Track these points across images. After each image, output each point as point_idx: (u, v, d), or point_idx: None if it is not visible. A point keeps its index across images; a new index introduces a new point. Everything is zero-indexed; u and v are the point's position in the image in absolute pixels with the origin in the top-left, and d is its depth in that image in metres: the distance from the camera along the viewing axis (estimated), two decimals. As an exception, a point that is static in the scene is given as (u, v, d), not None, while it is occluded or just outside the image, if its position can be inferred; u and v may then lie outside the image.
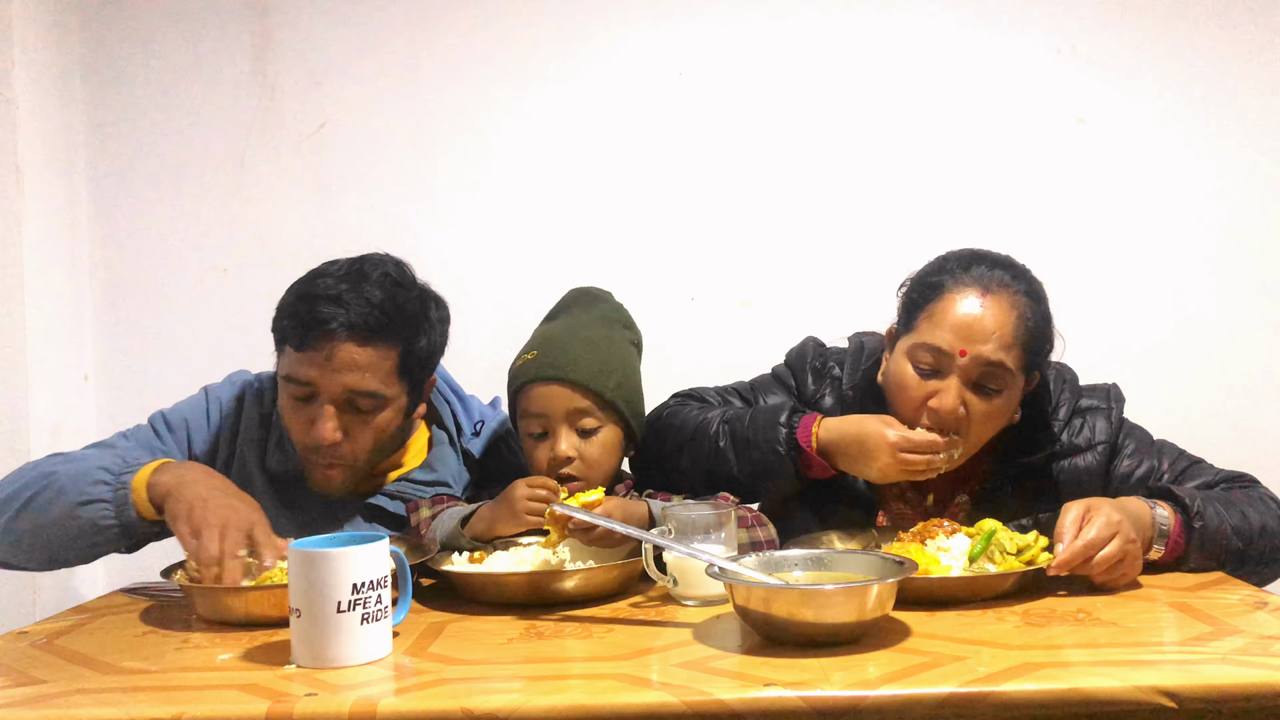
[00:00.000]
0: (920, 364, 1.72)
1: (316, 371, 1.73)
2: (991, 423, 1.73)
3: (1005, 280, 1.72)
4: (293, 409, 1.78)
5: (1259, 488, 1.77)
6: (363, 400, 1.75)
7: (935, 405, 1.69)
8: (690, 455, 1.82)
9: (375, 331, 1.73)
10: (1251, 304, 2.59)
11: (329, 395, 1.74)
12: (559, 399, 1.76)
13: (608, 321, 1.87)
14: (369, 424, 1.77)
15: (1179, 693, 1.14)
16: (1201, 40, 2.58)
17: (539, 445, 1.79)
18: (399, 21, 2.63)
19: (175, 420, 1.89)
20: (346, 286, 1.74)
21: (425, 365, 1.84)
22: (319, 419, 1.74)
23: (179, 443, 1.87)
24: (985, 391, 1.70)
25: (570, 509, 1.56)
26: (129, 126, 2.63)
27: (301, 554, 1.33)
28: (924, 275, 1.79)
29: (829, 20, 2.61)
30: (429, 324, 1.83)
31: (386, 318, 1.74)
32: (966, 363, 1.68)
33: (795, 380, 1.95)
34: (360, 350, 1.73)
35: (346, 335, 1.72)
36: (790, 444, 1.72)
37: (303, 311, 1.74)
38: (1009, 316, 1.69)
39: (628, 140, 2.62)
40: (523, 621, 1.50)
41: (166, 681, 1.30)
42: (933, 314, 1.72)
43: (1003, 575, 1.53)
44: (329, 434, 1.74)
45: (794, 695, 1.16)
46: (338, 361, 1.72)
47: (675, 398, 1.97)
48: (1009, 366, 1.69)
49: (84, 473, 1.65)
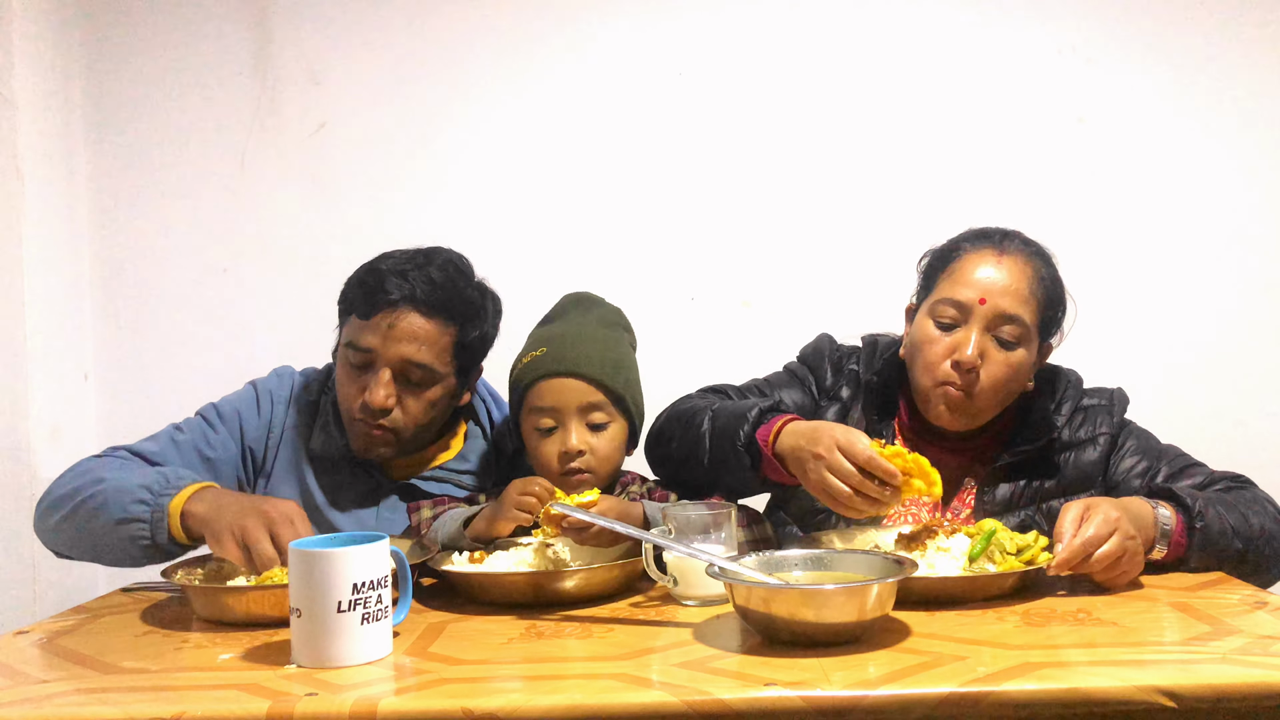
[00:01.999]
0: (942, 319, 1.80)
1: (379, 339, 1.81)
2: (1010, 378, 1.78)
3: (1019, 244, 1.83)
4: (349, 377, 1.85)
5: (1255, 489, 1.77)
6: (416, 372, 1.83)
7: (958, 357, 1.76)
8: (679, 440, 1.84)
9: (436, 308, 1.83)
10: (1251, 304, 2.59)
11: (386, 361, 1.82)
12: (572, 392, 1.77)
13: (608, 323, 1.89)
14: (419, 396, 1.85)
15: (1179, 693, 1.14)
16: (1201, 40, 2.59)
17: (546, 440, 1.79)
18: (399, 21, 2.63)
19: (227, 411, 1.94)
20: (412, 266, 1.85)
21: (476, 354, 1.93)
22: (374, 384, 1.82)
23: (232, 432, 1.93)
24: (1004, 343, 1.77)
25: (566, 507, 1.57)
26: (129, 126, 2.64)
27: (302, 554, 1.33)
28: (941, 246, 1.89)
29: (829, 21, 2.62)
30: (485, 315, 1.92)
31: (447, 297, 1.85)
32: (986, 310, 1.76)
33: (813, 375, 1.97)
34: (421, 322, 1.82)
35: (410, 307, 1.82)
36: (749, 440, 1.72)
37: (371, 282, 1.84)
38: (1024, 272, 1.79)
39: (628, 140, 2.62)
40: (523, 621, 1.50)
41: (166, 681, 1.30)
42: (952, 272, 1.81)
43: (1003, 575, 1.53)
44: (381, 399, 1.81)
45: (794, 695, 1.16)
46: (399, 330, 1.81)
47: (700, 391, 1.98)
48: (1025, 320, 1.77)
49: (127, 489, 1.70)
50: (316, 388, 1.99)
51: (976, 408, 1.78)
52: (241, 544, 1.57)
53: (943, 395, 1.78)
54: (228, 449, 1.91)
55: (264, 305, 2.64)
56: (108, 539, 1.70)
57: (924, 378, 1.80)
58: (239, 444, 1.93)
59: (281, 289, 2.63)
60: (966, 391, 1.76)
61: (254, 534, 1.57)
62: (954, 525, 1.68)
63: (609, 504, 1.65)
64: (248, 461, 1.93)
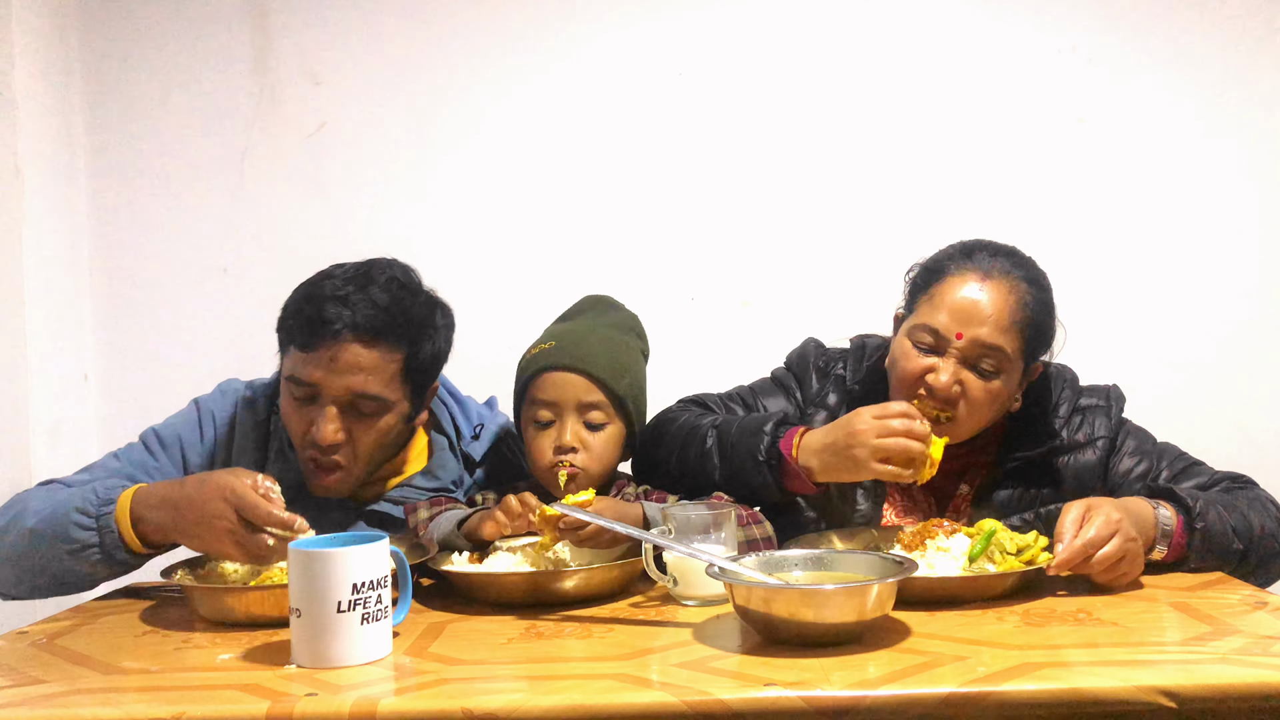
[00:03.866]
0: (920, 343, 1.76)
1: (321, 372, 1.73)
2: (989, 405, 1.75)
3: (1005, 267, 1.77)
4: (295, 410, 1.78)
5: (1256, 489, 1.77)
6: (365, 403, 1.75)
7: (931, 381, 1.73)
8: (679, 459, 1.83)
9: (380, 334, 1.73)
10: (1251, 304, 2.59)
11: (331, 396, 1.74)
12: (573, 388, 1.77)
13: (622, 328, 1.89)
14: (371, 427, 1.77)
15: (1179, 693, 1.14)
16: (1201, 40, 2.58)
17: (542, 433, 1.78)
18: (399, 21, 2.63)
19: (168, 437, 1.87)
20: (353, 289, 1.74)
21: (429, 372, 1.84)
22: (320, 420, 1.74)
23: (173, 459, 1.86)
24: (982, 373, 1.74)
25: (563, 507, 1.57)
26: (129, 126, 2.64)
27: (302, 554, 1.33)
28: (929, 261, 1.85)
29: (829, 21, 2.61)
30: (434, 330, 1.82)
31: (392, 321, 1.74)
32: (963, 345, 1.73)
33: (798, 381, 1.96)
34: (365, 352, 1.73)
35: (352, 337, 1.72)
36: (770, 452, 1.72)
37: (309, 312, 1.74)
38: (1006, 301, 1.73)
39: (628, 140, 2.62)
40: (523, 621, 1.50)
41: (166, 681, 1.30)
42: (933, 296, 1.77)
43: (1003, 575, 1.53)
44: (330, 435, 1.73)
45: (794, 695, 1.16)
46: (342, 363, 1.72)
47: (680, 402, 1.97)
48: (1006, 351, 1.72)
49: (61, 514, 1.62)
50: (264, 405, 1.89)
51: (955, 429, 1.76)
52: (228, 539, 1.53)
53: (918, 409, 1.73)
54: (168, 477, 1.81)
55: (264, 305, 2.61)
56: (54, 567, 1.63)
57: (897, 391, 1.79)
58: (181, 471, 1.85)
59: (281, 289, 2.61)
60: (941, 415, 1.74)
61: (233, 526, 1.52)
62: (954, 526, 1.68)
63: (605, 504, 1.64)
64: None
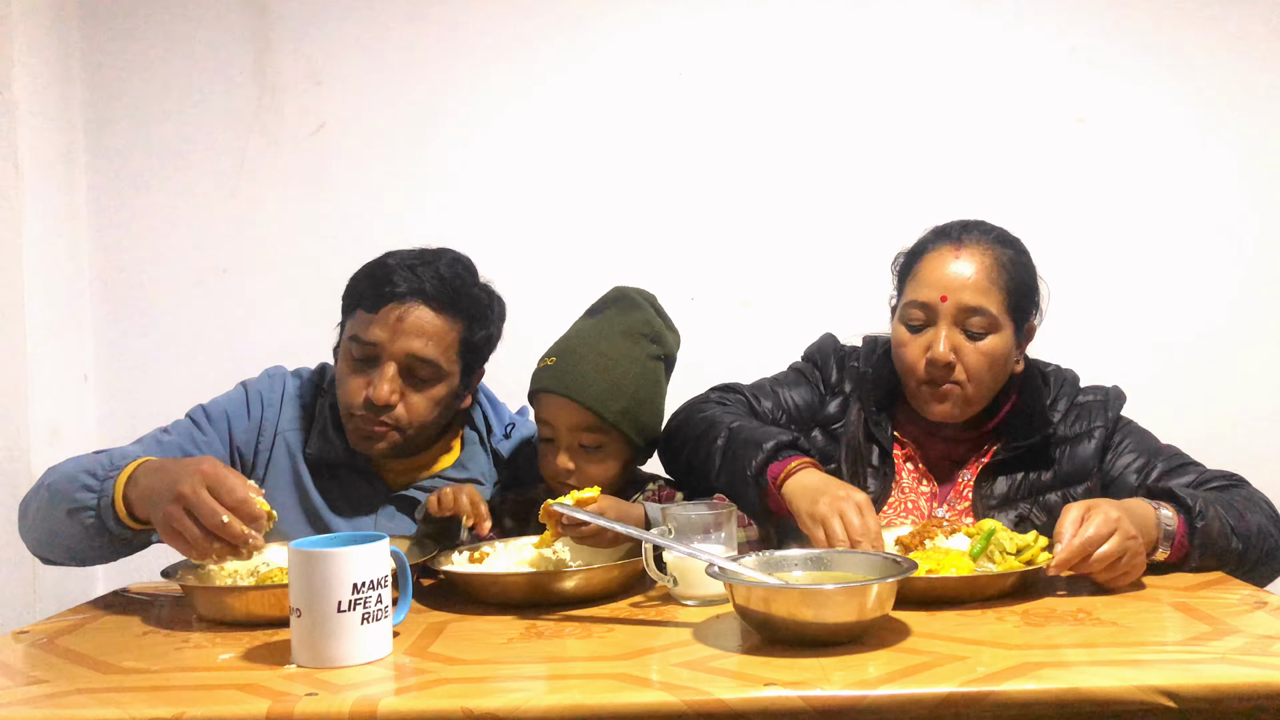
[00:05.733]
0: (911, 321, 1.83)
1: (386, 333, 1.80)
2: (989, 367, 1.80)
3: (977, 235, 1.86)
4: (353, 371, 1.83)
5: (1249, 487, 1.78)
6: (422, 368, 1.81)
7: (931, 355, 1.79)
8: (691, 449, 1.86)
9: (444, 303, 1.82)
10: (1251, 304, 2.59)
11: (391, 355, 1.80)
12: (565, 413, 1.79)
13: (633, 335, 1.86)
14: (423, 393, 1.83)
15: (1179, 693, 1.14)
16: (1201, 40, 2.58)
17: (547, 448, 1.84)
18: (399, 21, 2.63)
19: (215, 413, 1.92)
20: (420, 262, 1.85)
21: (480, 352, 1.91)
22: (378, 379, 1.79)
23: (220, 434, 1.91)
24: (974, 335, 1.80)
25: (563, 506, 1.57)
26: (129, 126, 2.64)
27: (302, 554, 1.33)
28: (908, 248, 1.93)
29: (829, 21, 2.62)
30: (490, 314, 1.91)
31: (455, 294, 1.84)
32: (949, 308, 1.79)
33: (820, 372, 2.00)
34: (430, 316, 1.81)
35: (419, 300, 1.81)
36: (759, 470, 1.72)
37: (379, 276, 1.83)
38: (982, 262, 1.81)
39: (627, 140, 2.62)
40: (523, 621, 1.50)
41: (166, 681, 1.30)
42: (915, 274, 1.85)
43: (1003, 575, 1.53)
44: (385, 395, 1.78)
45: (794, 695, 1.16)
46: (407, 324, 1.80)
47: (715, 391, 1.99)
48: (990, 310, 1.79)
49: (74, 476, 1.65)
50: (310, 390, 1.96)
51: (965, 396, 1.81)
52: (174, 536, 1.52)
53: (929, 393, 1.82)
54: (215, 451, 1.87)
55: (264, 305, 2.64)
56: (65, 531, 1.66)
57: (907, 379, 1.85)
58: (227, 446, 1.90)
59: (281, 289, 2.63)
60: (950, 383, 1.80)
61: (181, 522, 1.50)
62: (953, 525, 1.68)
63: (607, 503, 1.65)
64: (235, 464, 1.89)
